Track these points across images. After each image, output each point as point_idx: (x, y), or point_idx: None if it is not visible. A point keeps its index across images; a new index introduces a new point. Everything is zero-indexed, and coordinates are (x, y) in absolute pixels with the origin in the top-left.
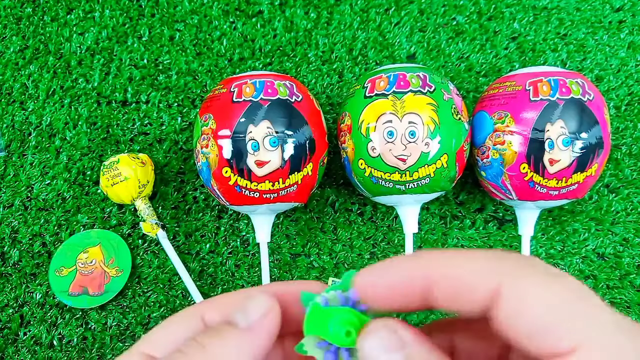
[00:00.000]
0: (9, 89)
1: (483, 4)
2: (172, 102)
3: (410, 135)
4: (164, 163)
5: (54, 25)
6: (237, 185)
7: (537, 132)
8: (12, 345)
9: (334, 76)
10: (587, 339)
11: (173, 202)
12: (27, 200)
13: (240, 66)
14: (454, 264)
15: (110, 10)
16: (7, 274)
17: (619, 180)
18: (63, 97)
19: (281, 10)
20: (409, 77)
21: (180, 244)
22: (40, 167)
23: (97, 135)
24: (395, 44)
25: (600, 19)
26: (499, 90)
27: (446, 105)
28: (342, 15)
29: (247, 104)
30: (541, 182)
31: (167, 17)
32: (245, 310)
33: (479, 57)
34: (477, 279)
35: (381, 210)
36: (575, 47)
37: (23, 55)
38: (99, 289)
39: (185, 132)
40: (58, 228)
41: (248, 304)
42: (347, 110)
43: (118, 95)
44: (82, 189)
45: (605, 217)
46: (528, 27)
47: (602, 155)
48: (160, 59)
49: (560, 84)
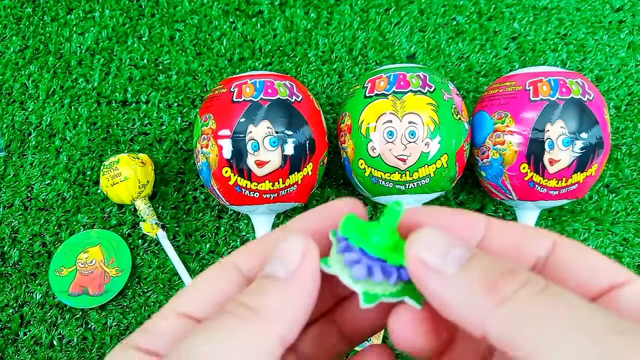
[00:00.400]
0: (9, 89)
1: (483, 4)
2: (172, 102)
3: (410, 135)
4: (164, 163)
5: (54, 25)
6: (237, 185)
7: (537, 132)
8: (12, 345)
9: (334, 76)
10: (633, 276)
11: (173, 202)
12: (27, 200)
13: (240, 66)
14: (509, 223)
15: (110, 10)
16: (7, 274)
17: (619, 180)
18: (63, 97)
19: (281, 10)
20: (409, 77)
21: (180, 244)
22: (40, 167)
23: (97, 135)
24: (395, 44)
25: (600, 19)
26: (499, 90)
27: (446, 105)
28: (342, 15)
29: (247, 104)
30: (541, 182)
31: (167, 17)
32: (282, 258)
33: (479, 57)
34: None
35: (381, 210)
36: (575, 47)
37: (23, 55)
38: (99, 289)
39: (185, 132)
40: (58, 228)
41: (283, 250)
42: (347, 110)
43: (118, 95)
44: (82, 189)
45: (605, 217)
46: (528, 27)
47: (602, 155)
48: (160, 59)
49: (560, 84)
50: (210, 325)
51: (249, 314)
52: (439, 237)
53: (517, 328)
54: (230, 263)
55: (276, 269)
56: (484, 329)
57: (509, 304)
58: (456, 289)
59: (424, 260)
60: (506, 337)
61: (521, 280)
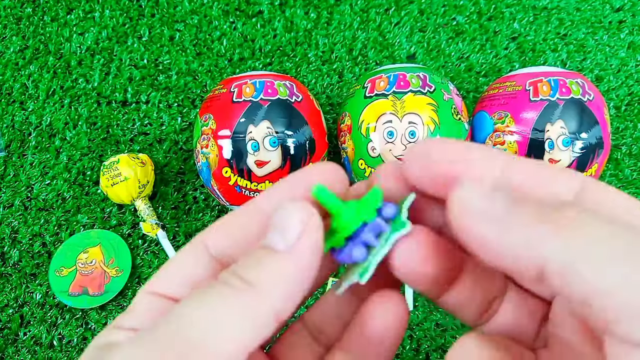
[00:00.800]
0: (9, 89)
1: (483, 4)
2: (172, 102)
3: (410, 135)
4: (164, 163)
5: (54, 25)
6: (237, 185)
7: (537, 132)
8: (12, 346)
9: (334, 76)
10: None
11: (173, 202)
12: (27, 200)
13: (240, 66)
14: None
15: (110, 10)
16: (7, 274)
17: (619, 180)
18: (63, 97)
19: (281, 10)
20: (409, 77)
21: (180, 244)
22: (40, 167)
23: (97, 135)
24: (395, 44)
25: (600, 19)
26: (499, 91)
27: (446, 105)
28: (342, 15)
29: (247, 104)
30: None
31: (167, 17)
32: (281, 228)
33: (479, 57)
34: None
35: None
36: (575, 47)
37: (23, 55)
38: (99, 289)
39: (185, 132)
40: (58, 228)
41: (282, 218)
42: (347, 110)
43: (118, 95)
44: (82, 189)
45: None
46: (528, 27)
47: (602, 155)
48: (160, 59)
49: (560, 84)
50: (203, 292)
51: (244, 286)
52: (482, 183)
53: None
54: (199, 244)
55: (275, 241)
56: (543, 261)
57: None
58: (508, 227)
59: (469, 204)
60: (567, 265)
61: (576, 210)
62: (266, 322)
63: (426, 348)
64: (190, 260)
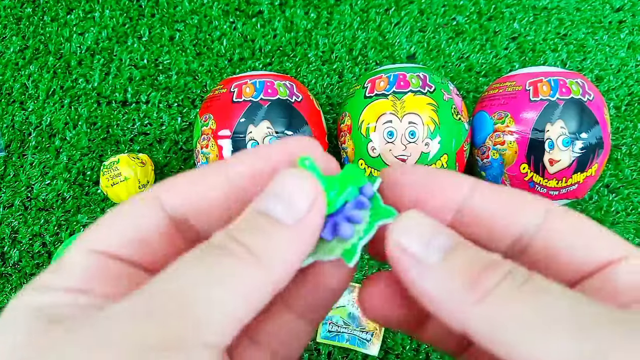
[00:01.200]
0: (9, 89)
1: (483, 4)
2: (172, 102)
3: (410, 136)
4: (164, 163)
5: (54, 25)
6: None
7: (537, 132)
8: None
9: (334, 76)
10: (632, 251)
11: None
12: (27, 200)
13: (240, 66)
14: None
15: (110, 10)
16: (7, 274)
17: (619, 180)
18: (63, 97)
19: (281, 10)
20: (409, 77)
21: None
22: (40, 167)
23: (97, 135)
24: (395, 44)
25: (600, 19)
26: (499, 91)
27: (446, 105)
28: (342, 15)
29: (247, 104)
30: (541, 182)
31: (167, 17)
32: (289, 200)
33: (479, 57)
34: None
35: None
36: (575, 47)
37: (23, 55)
38: None
39: (185, 132)
40: (58, 228)
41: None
42: (347, 110)
43: (118, 95)
44: (82, 189)
45: (605, 217)
46: (528, 27)
47: (602, 156)
48: (160, 59)
49: (560, 84)
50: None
51: (249, 257)
52: (422, 222)
53: (497, 325)
54: (154, 199)
55: (280, 212)
56: (464, 324)
57: (489, 299)
58: (437, 279)
59: (405, 247)
60: (486, 334)
61: (503, 272)
62: (265, 294)
63: (426, 348)
64: (144, 215)
